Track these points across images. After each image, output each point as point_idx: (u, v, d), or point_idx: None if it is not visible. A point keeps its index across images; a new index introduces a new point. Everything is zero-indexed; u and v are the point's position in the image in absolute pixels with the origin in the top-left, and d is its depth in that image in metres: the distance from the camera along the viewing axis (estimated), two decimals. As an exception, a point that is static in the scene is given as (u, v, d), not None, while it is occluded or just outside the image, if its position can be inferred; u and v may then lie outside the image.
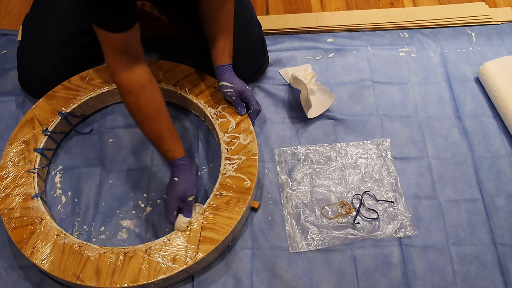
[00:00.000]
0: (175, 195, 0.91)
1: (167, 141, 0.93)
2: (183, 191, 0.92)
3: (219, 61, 1.01)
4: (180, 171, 0.93)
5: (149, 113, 0.90)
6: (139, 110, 0.90)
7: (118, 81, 0.88)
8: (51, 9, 1.09)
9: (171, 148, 0.93)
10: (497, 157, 1.10)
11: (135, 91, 0.88)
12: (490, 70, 1.18)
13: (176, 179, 0.92)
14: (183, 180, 0.92)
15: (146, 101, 0.90)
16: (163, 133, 0.92)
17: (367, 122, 1.15)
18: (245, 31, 1.10)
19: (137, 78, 0.89)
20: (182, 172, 0.93)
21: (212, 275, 0.94)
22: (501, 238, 0.99)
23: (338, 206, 1.03)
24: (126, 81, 0.88)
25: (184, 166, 0.94)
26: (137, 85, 0.88)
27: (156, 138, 0.92)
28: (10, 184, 0.97)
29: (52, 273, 0.87)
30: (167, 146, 0.93)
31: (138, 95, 0.89)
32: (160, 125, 0.92)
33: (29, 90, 1.15)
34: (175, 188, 0.92)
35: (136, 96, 0.89)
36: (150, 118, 0.91)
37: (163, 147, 0.93)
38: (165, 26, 1.30)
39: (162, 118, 0.92)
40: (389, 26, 1.33)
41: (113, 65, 0.87)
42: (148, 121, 0.91)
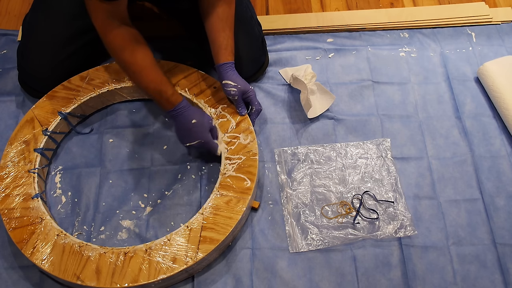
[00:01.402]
0: (206, 130, 0.98)
1: (169, 85, 0.95)
2: (207, 123, 0.99)
3: (222, 59, 1.00)
4: (191, 111, 0.97)
5: (147, 63, 0.93)
6: (136, 62, 0.92)
7: (112, 38, 0.89)
8: (51, 9, 1.09)
9: (174, 91, 0.96)
10: (497, 157, 1.10)
11: (131, 45, 0.90)
12: (490, 70, 1.18)
13: (195, 120, 0.96)
14: (199, 116, 0.97)
15: (143, 52, 0.92)
16: (163, 79, 0.95)
17: (367, 122, 1.15)
18: (245, 31, 1.10)
19: (130, 33, 0.91)
20: (193, 110, 0.97)
21: (212, 275, 0.94)
22: (501, 238, 0.99)
23: (338, 206, 1.03)
24: (120, 37, 0.89)
25: (189, 105, 0.98)
26: (132, 38, 0.91)
27: (158, 85, 0.93)
28: (10, 184, 0.97)
29: (52, 273, 0.87)
30: (171, 89, 0.95)
31: (134, 48, 0.91)
32: (159, 72, 0.94)
33: (29, 90, 1.15)
34: (201, 124, 0.97)
35: (132, 50, 0.91)
36: (148, 68, 0.93)
37: (167, 92, 0.94)
38: (165, 26, 1.30)
39: (158, 67, 0.95)
40: (389, 26, 1.33)
41: (104, 26, 0.88)
42: (147, 71, 0.93)
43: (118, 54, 0.91)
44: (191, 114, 0.97)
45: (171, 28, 1.28)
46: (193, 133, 0.97)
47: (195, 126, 0.96)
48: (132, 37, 0.91)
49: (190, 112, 0.97)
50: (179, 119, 0.96)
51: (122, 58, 0.91)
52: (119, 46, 0.90)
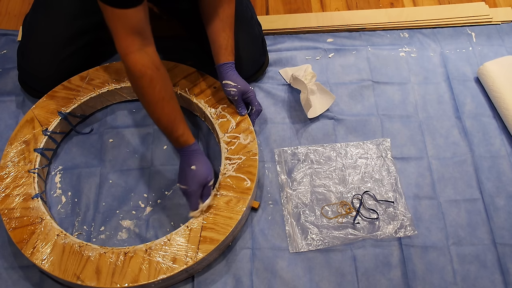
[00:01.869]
0: (198, 182, 0.90)
1: (181, 124, 0.91)
2: (204, 178, 0.91)
3: (222, 59, 1.00)
4: (196, 157, 0.92)
5: (164, 95, 0.88)
6: (153, 93, 0.86)
7: (132, 62, 0.83)
8: (51, 9, 1.09)
9: (186, 132, 0.91)
10: (497, 157, 1.10)
11: (150, 73, 0.85)
12: (490, 70, 1.18)
13: (194, 167, 0.90)
14: (202, 166, 0.91)
15: (161, 83, 0.87)
16: (177, 116, 0.90)
17: (367, 122, 1.15)
18: (245, 31, 1.10)
19: (151, 59, 0.85)
20: (199, 158, 0.92)
21: (212, 275, 0.94)
22: (501, 238, 0.99)
23: (338, 206, 1.03)
24: (140, 63, 0.84)
25: (199, 151, 0.93)
26: (152, 66, 0.85)
27: (170, 121, 0.89)
28: (10, 184, 0.97)
29: (52, 273, 0.87)
30: (182, 129, 0.91)
31: (153, 77, 0.85)
32: (175, 108, 0.90)
33: (29, 90, 1.15)
34: (196, 175, 0.90)
35: (151, 78, 0.85)
36: (164, 101, 0.88)
37: (177, 131, 0.90)
38: (165, 26, 1.30)
39: (175, 101, 0.91)
40: (389, 26, 1.33)
41: (126, 46, 0.82)
42: (162, 104, 0.88)
43: (136, 80, 0.85)
44: (194, 160, 0.91)
45: (171, 28, 1.28)
46: (187, 177, 0.91)
47: (191, 172, 0.91)
48: (153, 64, 0.86)
49: (194, 158, 0.92)
50: (182, 159, 0.93)
51: (139, 86, 0.86)
52: (138, 73, 0.84)
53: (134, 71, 0.84)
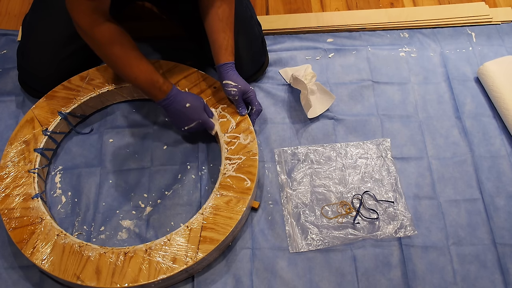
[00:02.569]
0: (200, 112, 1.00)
1: (158, 74, 0.95)
2: (200, 104, 1.00)
3: (222, 59, 1.00)
4: (182, 94, 0.98)
5: (136, 55, 0.93)
6: (126, 55, 0.92)
7: (99, 33, 0.88)
8: (51, 9, 1.09)
9: (165, 80, 0.97)
10: (497, 157, 1.10)
11: (119, 39, 0.91)
12: (490, 70, 1.18)
13: (188, 104, 0.98)
14: (192, 97, 1.00)
15: (130, 45, 0.93)
16: (152, 69, 0.95)
17: (367, 122, 1.15)
18: (244, 31, 1.10)
19: (116, 27, 0.90)
20: (184, 94, 0.99)
21: (212, 275, 0.94)
22: (501, 238, 0.99)
23: (338, 206, 1.03)
24: (107, 32, 0.89)
25: (180, 91, 0.99)
26: (119, 32, 0.91)
27: (148, 76, 0.94)
28: (10, 184, 0.97)
29: (52, 273, 0.87)
30: (162, 78, 0.96)
31: (123, 41, 0.91)
32: (148, 63, 0.95)
33: (29, 90, 1.15)
34: (195, 107, 0.99)
35: (121, 43, 0.91)
36: (137, 59, 0.93)
37: (158, 81, 0.95)
38: (165, 26, 1.30)
39: (146, 58, 0.95)
40: (389, 26, 1.33)
41: (90, 22, 0.87)
42: (137, 62, 0.93)
43: (106, 48, 0.90)
44: (184, 98, 0.98)
45: (171, 28, 1.28)
46: (190, 115, 0.99)
47: (190, 109, 0.98)
48: (118, 31, 0.91)
49: (183, 97, 0.98)
50: (173, 106, 0.98)
51: (111, 52, 0.91)
52: (108, 40, 0.89)
53: (103, 41, 0.89)
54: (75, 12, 0.87)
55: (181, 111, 0.98)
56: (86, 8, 0.86)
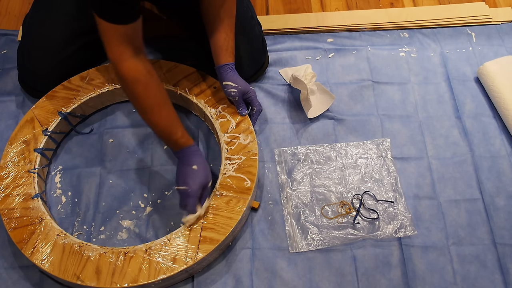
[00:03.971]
0: (199, 182, 0.90)
1: (179, 126, 0.92)
2: (205, 177, 0.91)
3: (222, 60, 1.00)
4: (197, 158, 0.92)
5: (159, 100, 0.89)
6: (149, 98, 0.87)
7: (126, 69, 0.84)
8: (51, 9, 1.09)
9: (185, 133, 0.92)
10: (497, 157, 1.10)
11: (144, 79, 0.86)
12: (490, 70, 1.18)
13: (195, 167, 0.90)
14: (202, 166, 0.91)
15: (155, 88, 0.88)
16: (174, 119, 0.91)
17: (367, 122, 1.15)
18: (245, 31, 1.10)
19: (144, 65, 0.86)
20: (199, 158, 0.92)
21: (212, 275, 0.94)
22: (501, 238, 0.99)
23: (338, 206, 1.03)
24: (134, 69, 0.85)
25: (199, 152, 0.93)
26: (146, 71, 0.86)
27: (168, 125, 0.90)
28: (10, 184, 0.97)
29: (52, 273, 0.87)
30: (181, 131, 0.91)
31: (148, 82, 0.86)
32: (171, 111, 0.91)
33: (29, 90, 1.15)
34: (198, 175, 0.90)
35: (145, 84, 0.86)
36: (161, 105, 0.89)
37: (176, 133, 0.91)
38: (165, 26, 1.30)
39: (170, 104, 0.92)
40: (389, 26, 1.33)
41: (119, 54, 0.84)
42: (158, 108, 0.89)
43: (130, 86, 0.86)
44: (194, 160, 0.91)
45: (171, 28, 1.28)
46: (187, 177, 0.89)
47: (192, 172, 0.90)
48: (146, 70, 0.87)
49: (195, 158, 0.92)
50: (181, 160, 0.92)
51: (135, 92, 0.87)
52: (133, 78, 0.85)
53: (128, 78, 0.85)
54: (107, 41, 0.83)
55: (185, 170, 0.91)
56: (118, 38, 0.82)
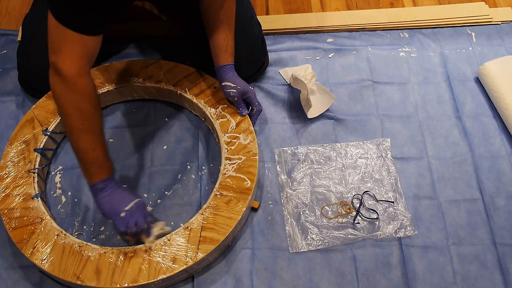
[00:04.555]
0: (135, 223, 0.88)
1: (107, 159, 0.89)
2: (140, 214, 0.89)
3: (222, 60, 1.00)
4: (118, 195, 0.89)
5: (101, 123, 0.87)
6: (94, 118, 0.85)
7: (84, 83, 0.82)
8: (51, 9, 1.09)
9: (109, 164, 0.90)
10: (497, 157, 1.10)
11: (95, 98, 0.85)
12: (490, 70, 1.18)
13: (123, 214, 0.87)
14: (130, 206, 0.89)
15: (100, 108, 0.87)
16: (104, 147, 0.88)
17: (367, 122, 1.15)
18: (244, 31, 1.10)
19: (94, 85, 0.86)
20: (122, 196, 0.89)
21: (212, 275, 0.94)
22: (501, 238, 0.99)
23: (338, 206, 1.03)
24: (90, 86, 0.84)
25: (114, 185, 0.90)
26: (95, 92, 0.85)
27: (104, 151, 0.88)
28: (10, 184, 0.97)
29: (52, 273, 0.87)
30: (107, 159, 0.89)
31: (98, 102, 0.86)
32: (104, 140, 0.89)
33: (29, 90, 1.15)
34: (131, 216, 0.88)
35: (96, 103, 0.85)
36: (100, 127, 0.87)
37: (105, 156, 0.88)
38: (165, 26, 1.30)
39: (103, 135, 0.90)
40: (389, 26, 1.33)
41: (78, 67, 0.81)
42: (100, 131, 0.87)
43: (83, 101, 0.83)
44: (119, 202, 0.87)
45: (171, 28, 1.28)
46: (122, 223, 0.86)
47: (124, 219, 0.86)
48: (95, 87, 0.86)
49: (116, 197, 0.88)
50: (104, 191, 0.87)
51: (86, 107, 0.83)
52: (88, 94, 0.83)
53: (84, 93, 0.83)
54: (64, 54, 0.80)
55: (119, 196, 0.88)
56: (80, 49, 0.80)
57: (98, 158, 0.86)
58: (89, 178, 0.87)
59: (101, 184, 0.87)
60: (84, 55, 0.82)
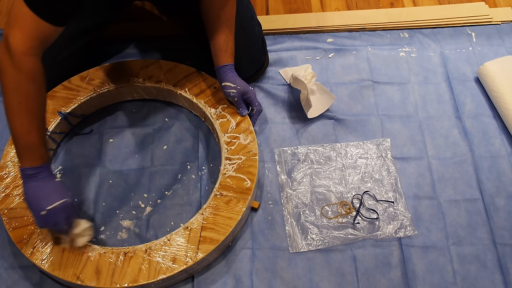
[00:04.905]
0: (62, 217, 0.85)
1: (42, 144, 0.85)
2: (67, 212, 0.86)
3: (222, 61, 1.00)
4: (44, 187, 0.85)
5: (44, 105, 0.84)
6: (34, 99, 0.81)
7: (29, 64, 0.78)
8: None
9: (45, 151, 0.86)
10: (497, 157, 1.10)
11: (40, 80, 0.81)
12: (490, 70, 1.18)
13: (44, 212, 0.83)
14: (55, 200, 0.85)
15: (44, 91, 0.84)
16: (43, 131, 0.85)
17: (367, 122, 1.15)
18: (245, 31, 1.10)
19: (42, 66, 0.81)
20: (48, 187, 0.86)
21: (212, 275, 0.94)
22: (501, 238, 0.99)
23: (338, 206, 1.03)
24: (36, 67, 0.80)
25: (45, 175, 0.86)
26: (41, 75, 0.81)
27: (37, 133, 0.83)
28: (10, 184, 0.97)
29: (52, 273, 0.87)
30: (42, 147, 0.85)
31: (42, 84, 0.82)
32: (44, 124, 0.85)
33: (29, 90, 1.14)
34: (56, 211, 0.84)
35: (40, 86, 0.81)
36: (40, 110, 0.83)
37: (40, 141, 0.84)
38: (165, 26, 1.30)
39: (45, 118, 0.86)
40: (389, 26, 1.33)
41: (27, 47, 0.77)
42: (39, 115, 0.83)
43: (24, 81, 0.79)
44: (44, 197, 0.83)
45: (171, 28, 1.28)
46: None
47: (47, 215, 0.83)
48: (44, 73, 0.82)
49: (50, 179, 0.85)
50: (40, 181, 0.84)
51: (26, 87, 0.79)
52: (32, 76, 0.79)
53: (27, 72, 0.80)
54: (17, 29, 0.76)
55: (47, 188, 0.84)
56: (34, 32, 0.77)
57: (32, 142, 0.82)
58: (20, 161, 0.83)
59: (31, 170, 0.83)
60: (37, 37, 0.79)
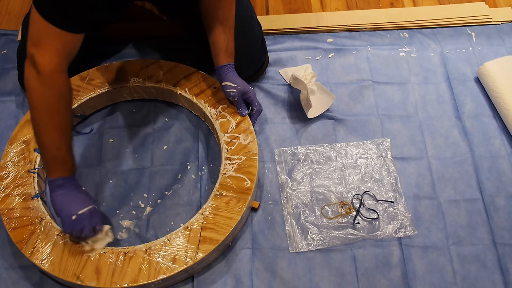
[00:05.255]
0: (89, 224, 0.88)
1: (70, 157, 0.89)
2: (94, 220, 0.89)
3: (222, 61, 1.00)
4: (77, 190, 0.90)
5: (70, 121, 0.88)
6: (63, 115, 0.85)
7: (61, 80, 0.82)
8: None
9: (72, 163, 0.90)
10: (497, 157, 1.10)
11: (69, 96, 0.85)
12: (490, 70, 1.18)
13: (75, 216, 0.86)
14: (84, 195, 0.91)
15: (71, 106, 0.87)
16: (70, 145, 0.88)
17: (367, 122, 1.15)
18: (244, 31, 1.10)
19: (69, 83, 0.85)
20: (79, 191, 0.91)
21: (212, 275, 0.94)
22: (501, 238, 0.99)
23: (338, 206, 1.03)
24: (66, 84, 0.84)
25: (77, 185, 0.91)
26: (69, 90, 0.85)
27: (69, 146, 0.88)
28: (10, 184, 0.97)
29: (52, 273, 0.87)
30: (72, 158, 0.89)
31: (70, 100, 0.86)
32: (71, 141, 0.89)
33: (29, 90, 1.15)
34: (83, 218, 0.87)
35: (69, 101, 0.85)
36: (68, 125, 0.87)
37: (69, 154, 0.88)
38: (165, 26, 1.30)
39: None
40: (389, 26, 1.33)
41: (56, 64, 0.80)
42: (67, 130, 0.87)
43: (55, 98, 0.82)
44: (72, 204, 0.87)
45: (171, 28, 1.28)
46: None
47: (76, 220, 0.86)
48: (71, 88, 0.86)
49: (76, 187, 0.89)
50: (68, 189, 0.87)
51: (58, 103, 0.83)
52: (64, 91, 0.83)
53: (58, 89, 0.82)
54: (43, 48, 0.78)
55: (75, 195, 0.88)
56: (59, 48, 0.79)
57: (62, 156, 0.86)
58: (49, 173, 0.87)
59: (60, 181, 0.86)
60: (63, 52, 0.81)
